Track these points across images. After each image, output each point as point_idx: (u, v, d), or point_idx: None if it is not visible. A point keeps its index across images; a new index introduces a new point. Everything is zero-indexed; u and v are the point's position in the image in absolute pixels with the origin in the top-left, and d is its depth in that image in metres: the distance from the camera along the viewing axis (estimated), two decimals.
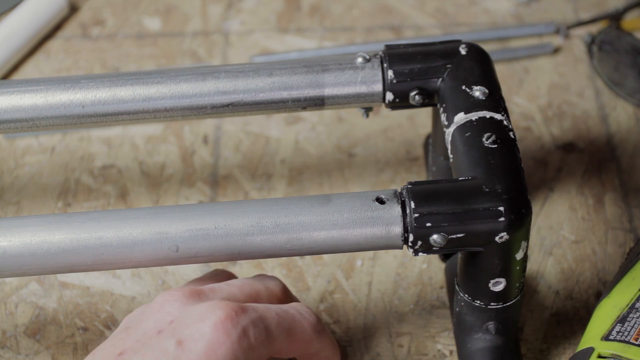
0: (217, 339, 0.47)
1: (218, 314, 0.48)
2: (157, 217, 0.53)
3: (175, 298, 0.50)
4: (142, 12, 0.85)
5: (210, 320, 0.48)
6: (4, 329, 0.63)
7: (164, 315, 0.49)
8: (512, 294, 0.56)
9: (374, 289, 0.65)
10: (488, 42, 0.81)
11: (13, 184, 0.72)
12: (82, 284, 0.66)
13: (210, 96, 0.59)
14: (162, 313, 0.50)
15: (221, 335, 0.48)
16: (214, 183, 0.72)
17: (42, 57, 0.82)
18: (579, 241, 0.68)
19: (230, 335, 0.48)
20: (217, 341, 0.47)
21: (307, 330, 0.53)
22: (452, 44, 0.60)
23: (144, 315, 0.50)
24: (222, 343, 0.48)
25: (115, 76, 0.59)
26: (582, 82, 0.78)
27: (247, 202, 0.54)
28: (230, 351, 0.48)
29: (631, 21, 0.82)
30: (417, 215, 0.52)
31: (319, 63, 0.60)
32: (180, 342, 0.47)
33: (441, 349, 0.62)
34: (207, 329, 0.48)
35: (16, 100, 0.59)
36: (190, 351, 0.47)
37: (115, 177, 0.72)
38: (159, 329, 0.49)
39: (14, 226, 0.53)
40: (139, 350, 0.48)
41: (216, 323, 0.48)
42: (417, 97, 0.59)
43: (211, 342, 0.47)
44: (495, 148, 0.54)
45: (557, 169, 0.72)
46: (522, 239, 0.53)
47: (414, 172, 0.72)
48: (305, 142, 0.75)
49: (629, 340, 0.55)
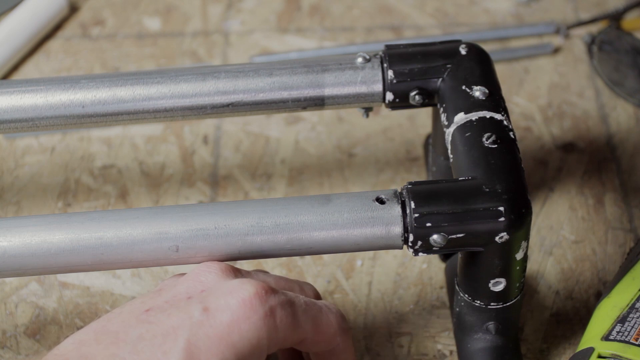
0: (243, 314, 0.49)
1: (248, 289, 0.49)
2: (157, 217, 0.53)
3: (211, 270, 0.52)
4: (142, 12, 0.85)
5: (239, 295, 0.49)
6: (4, 329, 0.63)
7: (196, 284, 0.51)
8: (512, 294, 0.56)
9: (374, 289, 0.65)
10: (488, 42, 0.81)
11: (13, 184, 0.72)
12: (82, 284, 0.66)
13: (210, 96, 0.59)
14: (196, 282, 0.51)
15: (247, 311, 0.49)
16: (214, 183, 0.72)
17: (42, 57, 0.82)
18: (579, 241, 0.68)
19: (256, 312, 0.49)
20: (242, 315, 0.49)
21: (333, 324, 0.53)
22: (452, 44, 0.60)
23: (178, 281, 0.52)
24: (247, 318, 0.49)
25: (115, 76, 0.59)
26: (582, 82, 0.78)
27: (247, 202, 0.54)
28: (253, 327, 0.49)
29: (631, 21, 0.82)
30: (417, 215, 0.52)
31: (319, 63, 0.60)
32: (206, 309, 0.49)
33: (441, 349, 0.62)
34: (235, 302, 0.49)
35: (16, 100, 0.59)
36: (214, 319, 0.48)
37: (115, 177, 0.72)
38: (189, 295, 0.50)
39: (14, 226, 0.53)
40: (166, 310, 0.49)
41: (244, 298, 0.49)
42: (417, 97, 0.59)
43: (236, 315, 0.48)
44: (495, 148, 0.54)
45: (557, 169, 0.72)
46: (522, 239, 0.53)
47: (414, 172, 0.72)
48: (305, 142, 0.75)
49: (629, 340, 0.55)
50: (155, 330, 0.48)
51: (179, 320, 0.48)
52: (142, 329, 0.48)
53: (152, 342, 0.48)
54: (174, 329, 0.48)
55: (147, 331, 0.48)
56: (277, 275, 0.56)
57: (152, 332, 0.48)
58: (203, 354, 0.47)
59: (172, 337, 0.48)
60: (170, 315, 0.49)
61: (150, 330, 0.48)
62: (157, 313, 0.49)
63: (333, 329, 0.53)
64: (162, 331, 0.48)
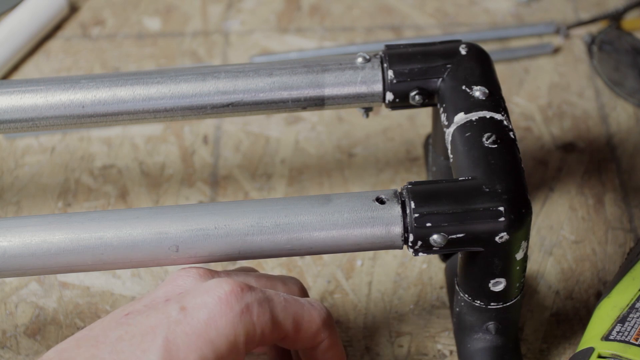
0: (219, 310, 0.49)
1: (224, 287, 0.50)
2: (157, 217, 0.53)
3: (189, 274, 0.52)
4: (142, 12, 0.85)
5: (215, 293, 0.50)
6: (4, 329, 0.63)
7: (174, 287, 0.52)
8: (512, 294, 0.56)
9: (374, 289, 0.65)
10: (488, 42, 0.81)
11: (13, 184, 0.72)
12: (82, 284, 0.66)
13: (210, 96, 0.59)
14: (174, 285, 0.52)
15: (224, 307, 0.49)
16: (214, 183, 0.72)
17: (42, 57, 0.82)
18: (579, 241, 0.68)
19: (232, 309, 0.49)
20: (218, 312, 0.49)
21: (316, 320, 0.53)
22: (452, 44, 0.60)
23: (157, 287, 0.53)
24: (224, 314, 0.49)
25: (115, 76, 0.59)
26: (582, 82, 0.78)
27: (247, 202, 0.54)
28: (230, 323, 0.49)
29: (631, 21, 0.82)
30: (417, 215, 0.52)
31: (319, 63, 0.60)
32: (183, 308, 0.49)
33: (441, 349, 0.62)
34: (211, 300, 0.50)
35: (16, 100, 0.59)
36: (191, 317, 0.49)
37: (115, 177, 0.72)
38: (167, 298, 0.51)
39: (14, 226, 0.53)
40: (144, 312, 0.50)
41: (220, 296, 0.50)
42: (417, 97, 0.59)
43: (213, 312, 0.49)
44: (495, 148, 0.54)
45: (557, 169, 0.72)
46: (522, 239, 0.53)
47: (414, 172, 0.72)
48: (305, 142, 0.75)
49: (629, 340, 0.55)
50: (134, 330, 0.49)
51: (157, 320, 0.49)
52: (122, 331, 0.49)
53: (131, 342, 0.48)
54: (152, 328, 0.49)
55: (126, 332, 0.49)
56: (259, 273, 0.56)
57: (131, 332, 0.49)
58: (182, 350, 0.48)
59: (150, 336, 0.48)
60: (149, 316, 0.49)
61: (129, 332, 0.49)
62: (136, 315, 0.50)
63: (316, 326, 0.53)
64: (140, 331, 0.49)
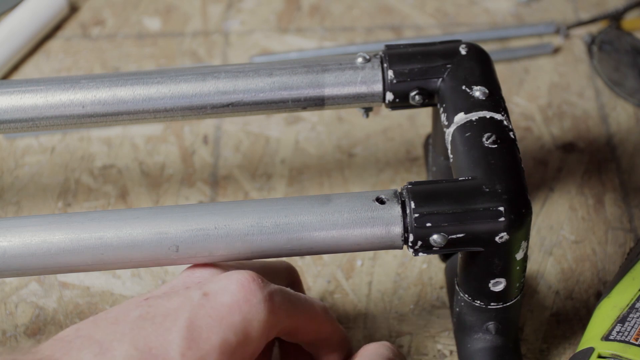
0: (243, 296, 0.49)
1: (245, 275, 0.50)
2: (157, 217, 0.53)
3: (205, 267, 0.53)
4: (142, 12, 0.85)
5: (237, 279, 0.50)
6: (4, 329, 0.63)
7: (192, 277, 0.52)
8: (512, 294, 0.56)
9: (374, 289, 0.65)
10: (488, 42, 0.81)
11: (13, 184, 0.72)
12: (82, 284, 0.66)
13: (210, 96, 0.59)
14: (191, 276, 0.52)
15: (247, 293, 0.50)
16: (214, 183, 0.72)
17: (42, 57, 0.82)
18: (579, 241, 0.68)
19: (255, 295, 0.50)
20: (242, 297, 0.49)
21: (319, 309, 0.54)
22: (452, 44, 0.60)
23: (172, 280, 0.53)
24: (247, 300, 0.49)
25: (115, 76, 0.59)
26: (582, 82, 0.78)
27: (247, 202, 0.54)
28: (254, 309, 0.49)
29: (631, 21, 0.82)
30: (417, 216, 0.52)
31: (319, 63, 0.60)
32: (206, 294, 0.49)
33: (441, 349, 0.62)
34: (234, 286, 0.50)
35: (16, 100, 0.59)
36: (214, 301, 0.49)
37: (115, 177, 0.72)
38: (187, 285, 0.51)
39: (14, 226, 0.53)
40: (165, 297, 0.50)
41: (243, 283, 0.50)
42: (417, 97, 0.59)
43: (236, 297, 0.49)
44: (495, 148, 0.54)
45: (557, 169, 0.72)
46: (522, 239, 0.53)
47: (414, 172, 0.72)
48: (305, 142, 0.75)
49: (629, 340, 0.55)
50: (156, 311, 0.49)
51: (179, 302, 0.49)
52: (143, 311, 0.49)
53: (153, 320, 0.48)
54: (175, 310, 0.49)
55: (147, 312, 0.49)
56: None
57: (152, 313, 0.49)
58: (204, 332, 0.48)
59: (172, 317, 0.48)
60: (171, 300, 0.49)
61: (151, 312, 0.49)
62: (157, 299, 0.50)
63: (320, 317, 0.54)
64: (162, 312, 0.49)
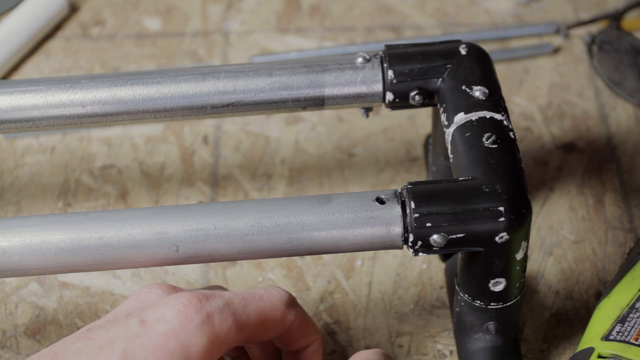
0: (179, 323, 0.49)
1: (183, 300, 0.50)
2: (157, 217, 0.53)
3: (152, 289, 0.52)
4: (142, 12, 0.85)
5: (174, 306, 0.50)
6: (4, 329, 0.63)
7: (136, 302, 0.52)
8: (512, 294, 0.56)
9: (374, 289, 0.65)
10: (488, 42, 0.81)
11: (13, 184, 0.72)
12: (82, 284, 0.66)
13: (210, 96, 0.59)
14: (136, 301, 0.52)
15: (183, 319, 0.49)
16: (214, 183, 0.72)
17: (42, 57, 0.82)
18: (579, 241, 0.68)
19: (192, 320, 0.49)
20: (178, 324, 0.49)
21: (278, 305, 0.53)
22: (452, 44, 0.60)
23: (121, 303, 0.53)
24: (184, 327, 0.49)
25: (115, 76, 0.59)
26: (582, 82, 0.78)
27: (247, 202, 0.54)
28: (191, 335, 0.49)
29: (631, 21, 0.82)
30: (417, 215, 0.52)
31: (319, 63, 0.60)
32: (143, 322, 0.49)
33: (441, 349, 0.62)
34: (170, 312, 0.49)
35: (16, 100, 0.59)
36: (150, 330, 0.49)
37: (115, 177, 0.72)
38: (128, 312, 0.51)
39: (14, 226, 0.53)
40: (105, 327, 0.50)
41: (179, 309, 0.50)
42: (417, 97, 0.59)
43: (172, 325, 0.49)
44: (495, 148, 0.54)
45: (557, 169, 0.72)
46: (522, 239, 0.53)
47: (414, 172, 0.72)
48: (305, 142, 0.75)
49: (629, 340, 0.55)
50: (93, 344, 0.49)
51: (116, 333, 0.49)
52: (81, 344, 0.49)
53: (88, 354, 0.48)
54: (111, 342, 0.49)
55: (84, 346, 0.49)
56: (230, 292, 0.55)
57: (89, 346, 0.49)
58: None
59: (108, 349, 0.48)
60: (109, 330, 0.49)
61: (88, 345, 0.49)
62: (97, 330, 0.50)
63: (280, 312, 0.53)
64: (99, 344, 0.49)
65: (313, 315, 0.64)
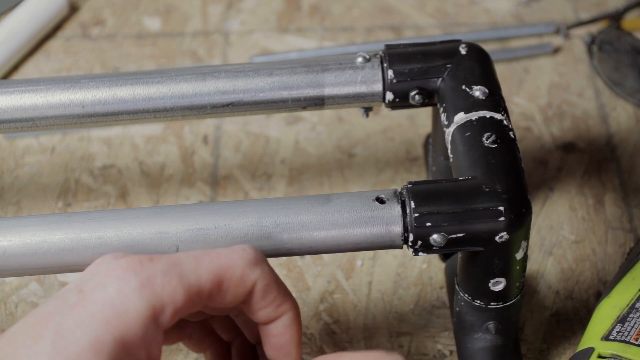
0: (116, 288, 0.47)
1: (121, 264, 0.48)
2: (157, 217, 0.53)
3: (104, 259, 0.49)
4: (142, 12, 0.85)
5: (112, 271, 0.47)
6: (3, 329, 0.63)
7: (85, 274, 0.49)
8: (512, 294, 0.56)
9: (374, 289, 0.65)
10: (488, 42, 0.81)
11: (13, 184, 0.72)
12: None
13: (210, 96, 0.59)
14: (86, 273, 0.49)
15: (120, 284, 0.47)
16: (214, 183, 0.72)
17: (42, 57, 0.82)
18: (579, 241, 0.68)
19: (128, 284, 0.47)
20: (115, 290, 0.47)
21: (237, 262, 0.49)
22: (452, 43, 0.60)
23: None
24: (120, 291, 0.47)
25: (115, 76, 0.59)
26: (582, 82, 0.78)
27: (247, 202, 0.54)
28: (127, 300, 0.46)
29: (631, 21, 0.82)
30: (417, 215, 0.52)
31: (319, 63, 0.60)
32: (81, 291, 0.47)
33: (441, 349, 0.62)
34: (108, 279, 0.47)
35: (16, 100, 0.59)
36: (87, 299, 0.47)
37: (115, 177, 0.72)
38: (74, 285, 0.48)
39: (14, 226, 0.53)
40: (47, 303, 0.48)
41: (117, 273, 0.47)
42: (417, 96, 0.59)
43: (109, 291, 0.47)
44: (495, 148, 0.54)
45: (557, 169, 0.72)
46: (522, 239, 0.53)
47: (414, 172, 0.72)
48: (305, 142, 0.75)
49: (629, 340, 0.55)
50: (31, 320, 0.47)
51: (54, 307, 0.47)
52: (22, 323, 0.47)
53: (25, 331, 0.47)
54: (47, 316, 0.47)
55: (24, 323, 0.47)
56: None
57: (27, 322, 0.47)
58: (74, 333, 0.46)
59: (44, 324, 0.46)
60: (48, 305, 0.48)
61: (27, 322, 0.47)
62: (39, 307, 0.48)
63: (239, 270, 0.49)
64: (36, 320, 0.47)
65: (313, 315, 0.64)
